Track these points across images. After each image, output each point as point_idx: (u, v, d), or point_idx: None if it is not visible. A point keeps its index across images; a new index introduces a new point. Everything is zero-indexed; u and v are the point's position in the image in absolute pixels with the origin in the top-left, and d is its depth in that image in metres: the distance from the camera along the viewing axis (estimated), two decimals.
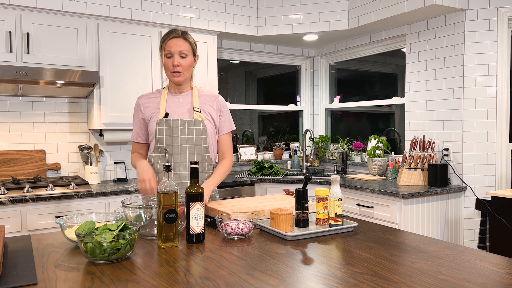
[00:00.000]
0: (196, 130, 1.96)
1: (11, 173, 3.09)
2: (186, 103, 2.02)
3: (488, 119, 3.06)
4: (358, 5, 3.54)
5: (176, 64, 1.92)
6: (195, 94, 2.04)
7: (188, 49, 1.95)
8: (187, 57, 1.94)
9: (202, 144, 1.98)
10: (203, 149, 1.99)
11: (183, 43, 1.93)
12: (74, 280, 1.13)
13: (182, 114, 1.99)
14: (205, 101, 2.05)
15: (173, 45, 1.91)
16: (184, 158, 1.96)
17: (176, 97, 2.02)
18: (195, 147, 1.97)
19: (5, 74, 2.60)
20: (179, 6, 3.44)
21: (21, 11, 2.86)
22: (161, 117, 1.96)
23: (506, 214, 2.63)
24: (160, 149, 1.97)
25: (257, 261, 1.28)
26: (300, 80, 4.64)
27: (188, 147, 1.96)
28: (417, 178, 3.16)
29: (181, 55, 1.93)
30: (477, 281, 1.10)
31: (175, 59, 1.92)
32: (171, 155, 1.95)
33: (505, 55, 3.05)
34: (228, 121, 2.10)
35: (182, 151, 1.95)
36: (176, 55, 1.92)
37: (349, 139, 4.20)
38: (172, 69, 1.93)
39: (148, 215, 1.54)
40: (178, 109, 2.00)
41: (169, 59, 1.94)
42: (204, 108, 2.03)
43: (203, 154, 1.99)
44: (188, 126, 1.96)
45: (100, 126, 3.14)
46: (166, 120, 1.95)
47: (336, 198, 1.61)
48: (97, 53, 3.11)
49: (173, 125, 1.94)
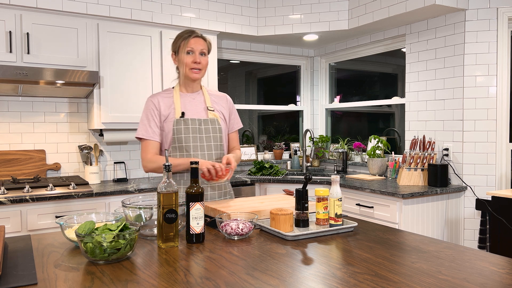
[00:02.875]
0: (213, 129, 2.03)
1: (11, 173, 3.09)
2: (199, 102, 2.07)
3: (488, 119, 3.06)
4: (358, 5, 3.54)
5: (198, 61, 1.98)
6: (205, 94, 2.10)
7: (207, 49, 2.03)
8: (206, 56, 2.03)
9: (219, 142, 2.06)
10: (219, 147, 2.06)
11: (203, 43, 2.01)
12: (74, 280, 1.13)
13: (198, 113, 2.04)
14: (216, 100, 2.13)
15: (195, 43, 1.98)
16: (203, 156, 2.01)
17: (189, 96, 2.06)
18: (213, 146, 2.03)
19: (5, 74, 2.60)
20: (179, 6, 3.44)
21: (21, 11, 2.86)
22: (177, 116, 1.99)
23: (506, 214, 2.63)
24: (179, 148, 1.99)
25: (257, 261, 1.28)
26: (300, 80, 4.64)
27: (206, 146, 2.01)
28: (417, 178, 3.16)
29: (200, 53, 2.00)
30: (477, 281, 1.10)
31: (196, 56, 1.98)
32: (191, 154, 1.98)
33: (505, 55, 3.05)
34: (237, 119, 2.21)
35: (201, 149, 2.01)
36: (197, 52, 1.98)
37: (349, 139, 4.20)
38: (192, 66, 1.99)
39: (148, 215, 1.54)
40: (193, 108, 2.04)
41: (189, 55, 1.98)
42: (216, 107, 2.11)
43: (220, 152, 2.07)
44: (205, 125, 2.02)
45: (100, 126, 3.14)
46: (184, 119, 1.99)
47: (336, 198, 1.61)
48: (97, 53, 3.11)
49: (191, 124, 1.99)
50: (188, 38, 1.98)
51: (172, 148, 2.00)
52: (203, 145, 2.00)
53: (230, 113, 2.16)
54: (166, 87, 3.37)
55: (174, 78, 3.40)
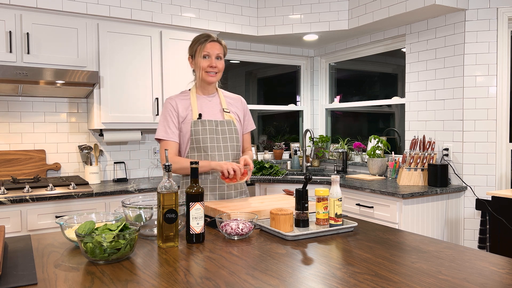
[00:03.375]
0: (229, 130, 2.10)
1: (11, 173, 3.09)
2: (216, 104, 2.14)
3: (488, 119, 3.06)
4: (358, 5, 3.54)
5: (214, 65, 2.03)
6: (221, 96, 2.17)
7: (222, 53, 2.08)
8: (222, 59, 2.08)
9: (235, 143, 2.12)
10: (236, 147, 2.13)
11: (219, 47, 2.05)
12: (74, 280, 1.13)
13: (214, 115, 2.10)
14: (231, 102, 2.21)
15: (212, 48, 2.03)
16: (220, 157, 2.07)
17: (206, 98, 2.13)
18: (229, 146, 2.09)
19: (5, 74, 2.60)
20: (179, 6, 3.44)
21: (21, 11, 2.86)
22: (195, 118, 2.05)
23: (506, 214, 2.63)
24: (197, 149, 2.05)
25: (257, 261, 1.28)
26: (300, 80, 4.64)
27: (223, 146, 2.07)
28: (417, 178, 3.16)
29: (216, 57, 2.05)
30: (477, 281, 1.10)
31: (213, 60, 2.03)
32: (209, 154, 2.04)
33: (505, 55, 3.05)
34: (250, 120, 2.28)
35: (218, 150, 2.06)
36: (214, 57, 2.03)
37: (349, 139, 4.20)
38: (208, 70, 2.04)
39: (148, 215, 1.54)
40: (210, 110, 2.10)
41: (206, 59, 2.03)
42: (232, 109, 2.18)
43: (236, 152, 2.13)
44: (221, 126, 2.08)
45: (100, 126, 3.14)
46: (201, 121, 2.05)
47: (336, 198, 1.61)
48: (97, 53, 3.11)
49: (208, 125, 2.05)
50: (205, 43, 2.02)
51: (190, 148, 2.06)
52: (220, 145, 2.06)
53: (244, 114, 2.24)
54: (166, 86, 3.37)
55: (174, 77, 3.41)
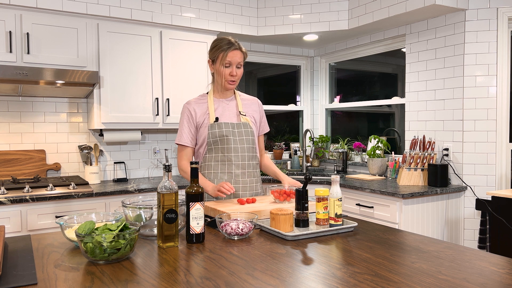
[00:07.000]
0: (245, 132, 2.14)
1: (11, 173, 3.09)
2: (232, 107, 2.18)
3: (488, 119, 3.06)
4: (358, 5, 3.54)
5: (234, 74, 2.08)
6: (238, 99, 2.20)
7: (242, 61, 2.12)
8: (241, 68, 2.13)
9: (251, 145, 2.16)
10: (252, 149, 2.16)
11: (240, 55, 2.09)
12: (74, 280, 1.13)
13: (231, 118, 2.15)
14: (248, 104, 2.25)
15: (234, 56, 2.06)
16: (237, 158, 2.11)
17: (223, 102, 2.17)
18: (246, 148, 2.13)
19: (5, 74, 2.60)
20: (179, 6, 3.44)
21: (21, 11, 2.86)
22: (212, 121, 2.09)
23: (506, 214, 2.63)
24: (215, 150, 2.10)
25: (257, 261, 1.28)
26: (300, 80, 4.64)
27: (240, 148, 2.11)
28: (417, 178, 3.16)
29: (237, 66, 2.09)
30: (477, 281, 1.10)
31: (233, 69, 2.08)
32: (225, 155, 2.09)
33: (505, 55, 3.05)
34: (265, 123, 2.33)
35: (235, 151, 2.10)
36: (234, 65, 2.07)
37: (349, 139, 4.20)
38: (229, 78, 2.09)
39: (148, 215, 1.54)
40: (227, 113, 2.15)
41: (227, 68, 2.08)
42: (248, 111, 2.23)
43: (252, 154, 2.17)
44: (238, 129, 2.12)
45: (100, 126, 3.14)
46: (218, 123, 2.08)
47: (336, 198, 1.61)
48: (97, 53, 3.11)
49: (225, 127, 2.09)
50: (227, 51, 2.04)
51: (207, 150, 2.11)
52: (237, 147, 2.10)
53: (260, 117, 2.28)
54: (166, 86, 3.37)
55: (174, 77, 3.41)
